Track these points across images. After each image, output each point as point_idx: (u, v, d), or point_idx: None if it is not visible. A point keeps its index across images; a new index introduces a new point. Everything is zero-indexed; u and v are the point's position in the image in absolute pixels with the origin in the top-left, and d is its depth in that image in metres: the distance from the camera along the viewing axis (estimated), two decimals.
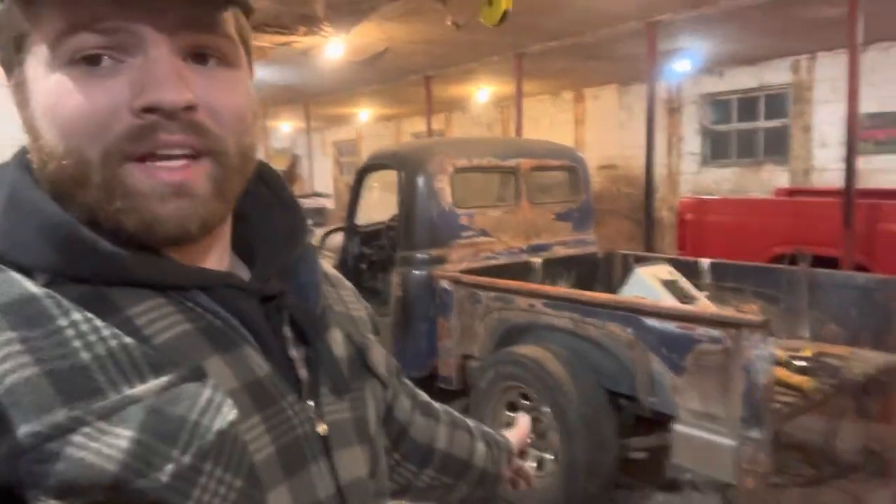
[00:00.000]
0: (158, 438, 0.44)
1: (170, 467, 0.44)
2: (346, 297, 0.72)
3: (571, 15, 6.16)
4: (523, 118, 8.42)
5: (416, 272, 3.66)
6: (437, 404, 0.92)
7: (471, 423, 0.95)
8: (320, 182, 15.73)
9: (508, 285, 3.22)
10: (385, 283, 4.01)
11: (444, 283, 3.51)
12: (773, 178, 8.91)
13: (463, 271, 3.60)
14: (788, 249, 3.64)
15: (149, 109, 0.47)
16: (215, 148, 0.51)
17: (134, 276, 0.50)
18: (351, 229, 4.31)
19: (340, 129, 17.62)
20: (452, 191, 3.77)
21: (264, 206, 0.64)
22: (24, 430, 0.42)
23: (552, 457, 2.93)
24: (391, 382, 0.73)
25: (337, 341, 0.64)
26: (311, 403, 0.57)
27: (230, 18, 0.52)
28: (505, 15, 4.79)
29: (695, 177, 10.09)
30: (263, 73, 9.40)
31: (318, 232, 4.97)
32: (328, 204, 6.88)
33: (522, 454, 1.02)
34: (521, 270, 3.91)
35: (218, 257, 0.58)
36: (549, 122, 12.13)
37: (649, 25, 6.41)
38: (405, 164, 3.81)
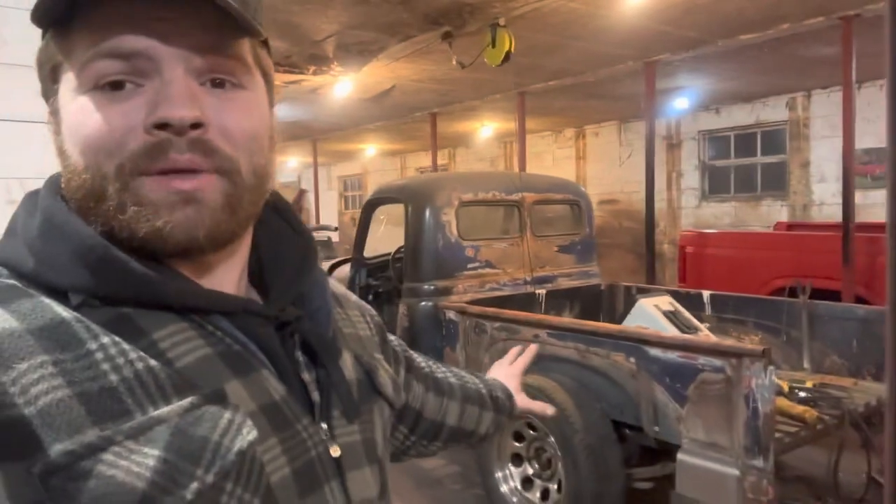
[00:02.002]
0: (184, 458, 0.46)
1: (194, 485, 0.46)
2: (353, 317, 0.74)
3: (572, 55, 6.34)
4: (527, 154, 8.57)
5: (423, 303, 3.73)
6: (453, 377, 0.96)
7: (482, 386, 1.00)
8: (325, 215, 15.88)
9: (513, 315, 3.27)
10: (391, 315, 4.07)
11: (451, 314, 3.56)
12: (771, 213, 9.01)
13: (469, 302, 3.66)
14: (789, 283, 3.70)
15: (159, 125, 0.49)
16: (225, 167, 0.52)
17: (163, 297, 0.51)
18: (358, 261, 4.39)
19: (347, 164, 17.84)
20: (458, 223, 3.86)
21: (277, 234, 0.66)
22: (57, 448, 0.44)
23: (556, 486, 2.94)
24: (397, 401, 0.75)
25: (347, 364, 0.66)
26: (325, 426, 0.59)
27: (245, 45, 0.55)
28: (507, 56, 4.96)
29: (695, 211, 10.21)
30: (274, 109, 9.58)
31: (325, 264, 5.05)
32: (333, 236, 6.96)
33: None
34: (525, 301, 3.97)
35: (237, 283, 0.60)
36: (552, 157, 12.31)
37: (648, 65, 6.59)
38: (413, 197, 3.91)
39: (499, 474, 3.20)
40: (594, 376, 2.90)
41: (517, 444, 3.16)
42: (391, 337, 0.84)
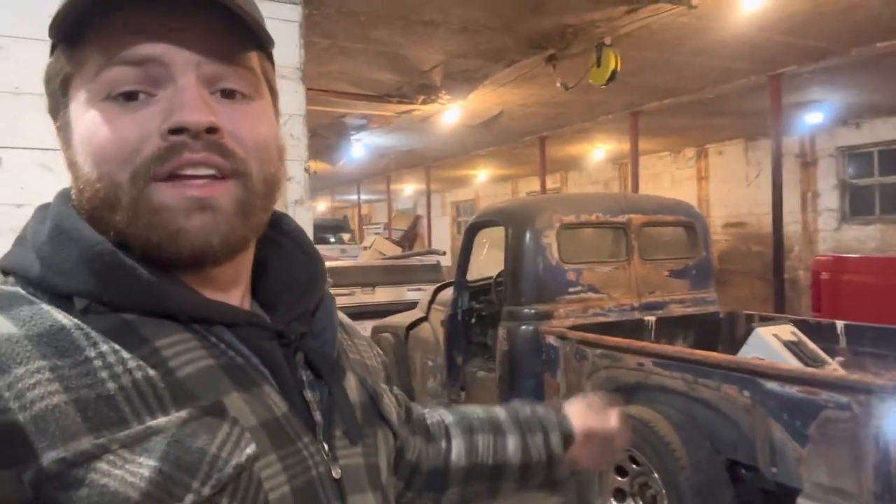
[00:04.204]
0: (179, 469, 0.46)
1: (189, 497, 0.46)
2: (360, 346, 0.72)
3: (687, 72, 6.09)
4: (644, 176, 8.30)
5: (523, 327, 3.66)
6: (451, 415, 0.89)
7: (503, 415, 0.90)
8: (438, 240, 16.19)
9: (615, 342, 3.14)
10: (494, 338, 4.03)
11: (551, 339, 3.48)
12: None
13: (571, 328, 3.55)
14: None
15: (174, 131, 0.50)
16: (239, 169, 0.53)
17: (168, 305, 0.51)
18: (461, 284, 4.40)
19: (459, 190, 18.16)
20: (559, 246, 3.77)
21: (284, 254, 0.65)
22: (50, 455, 0.43)
23: None
24: (401, 432, 0.73)
25: (352, 387, 0.64)
26: (326, 446, 0.57)
27: (254, 56, 0.56)
28: (613, 75, 4.84)
29: (834, 234, 9.38)
30: (388, 139, 9.99)
31: (430, 287, 5.12)
32: (442, 260, 7.08)
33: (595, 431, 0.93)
34: (632, 328, 3.79)
35: (240, 296, 0.59)
36: (671, 179, 11.83)
37: (772, 79, 6.19)
38: (512, 220, 3.88)
39: None
40: (704, 410, 2.72)
41: (620, 478, 3.01)
42: (394, 388, 0.80)
